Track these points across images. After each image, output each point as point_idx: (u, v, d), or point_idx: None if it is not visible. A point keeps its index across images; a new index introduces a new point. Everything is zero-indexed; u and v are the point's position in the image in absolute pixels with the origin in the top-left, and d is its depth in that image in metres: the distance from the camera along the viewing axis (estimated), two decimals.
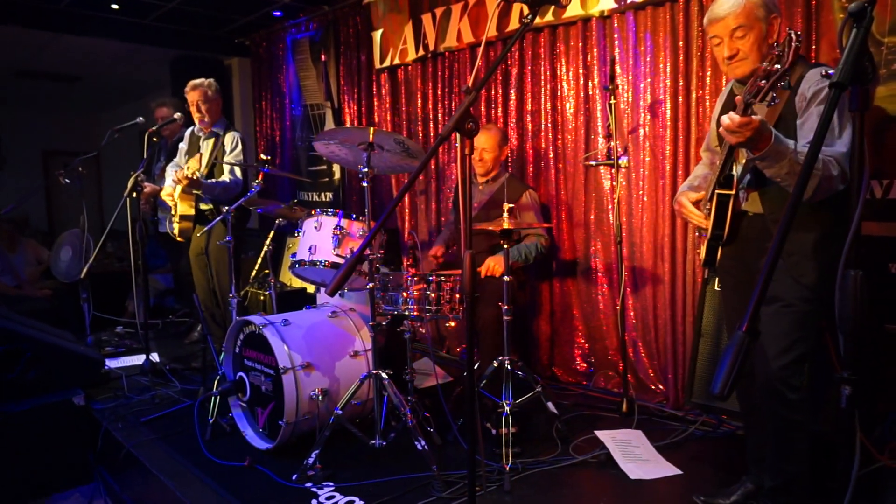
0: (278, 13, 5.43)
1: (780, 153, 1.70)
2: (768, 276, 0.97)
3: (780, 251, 0.98)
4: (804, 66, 1.91)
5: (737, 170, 1.96)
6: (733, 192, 1.93)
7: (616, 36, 3.35)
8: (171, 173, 4.09)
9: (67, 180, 4.17)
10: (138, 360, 3.99)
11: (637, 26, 3.26)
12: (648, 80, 3.24)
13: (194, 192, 3.79)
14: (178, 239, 3.96)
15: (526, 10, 1.68)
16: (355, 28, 4.99)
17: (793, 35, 1.61)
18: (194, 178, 3.65)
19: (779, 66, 1.61)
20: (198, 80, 3.92)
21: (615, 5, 3.26)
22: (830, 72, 1.13)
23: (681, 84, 3.10)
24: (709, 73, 3.01)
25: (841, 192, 1.77)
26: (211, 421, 2.96)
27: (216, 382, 2.99)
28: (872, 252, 2.44)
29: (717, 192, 1.94)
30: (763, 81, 1.65)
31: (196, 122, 4.00)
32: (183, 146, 4.19)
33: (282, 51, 5.74)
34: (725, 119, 1.69)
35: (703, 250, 2.12)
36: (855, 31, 0.99)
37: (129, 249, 4.23)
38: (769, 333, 1.93)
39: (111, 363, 4.06)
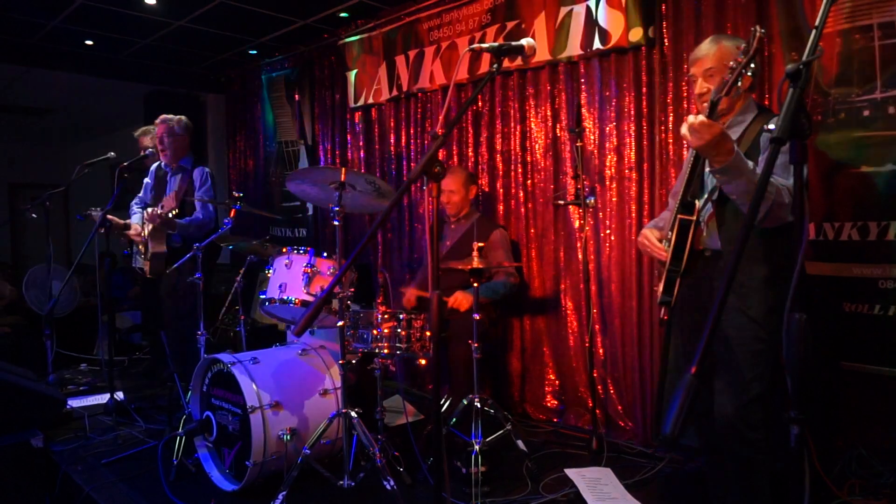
0: (254, 51, 5.50)
1: (740, 170, 1.77)
2: (718, 315, 1.00)
3: (733, 280, 1.01)
4: (769, 115, 2.02)
5: (700, 199, 2.02)
6: (694, 218, 1.97)
7: (583, 80, 3.47)
8: (136, 211, 4.06)
9: (34, 215, 4.11)
10: (103, 398, 3.89)
11: (602, 72, 3.38)
12: (614, 123, 3.35)
13: (168, 231, 3.77)
14: (149, 276, 3.91)
15: (493, 60, 1.75)
16: (330, 68, 5.08)
17: (756, 29, 1.67)
18: (168, 218, 3.63)
19: (742, 57, 1.67)
20: (167, 116, 3.94)
21: (581, 52, 3.39)
22: (771, 126, 1.21)
23: (645, 128, 3.22)
24: (671, 118, 3.12)
25: (791, 227, 1.84)
26: (175, 462, 2.89)
27: (182, 422, 2.94)
28: (826, 292, 2.51)
29: (678, 216, 1.99)
30: (728, 75, 1.71)
31: (160, 156, 4.00)
32: (148, 181, 4.16)
33: (257, 88, 5.80)
34: (690, 117, 1.74)
35: (660, 287, 2.17)
36: (791, 91, 1.07)
37: (95, 284, 4.17)
38: (725, 373, 1.98)
39: (74, 402, 3.95)
